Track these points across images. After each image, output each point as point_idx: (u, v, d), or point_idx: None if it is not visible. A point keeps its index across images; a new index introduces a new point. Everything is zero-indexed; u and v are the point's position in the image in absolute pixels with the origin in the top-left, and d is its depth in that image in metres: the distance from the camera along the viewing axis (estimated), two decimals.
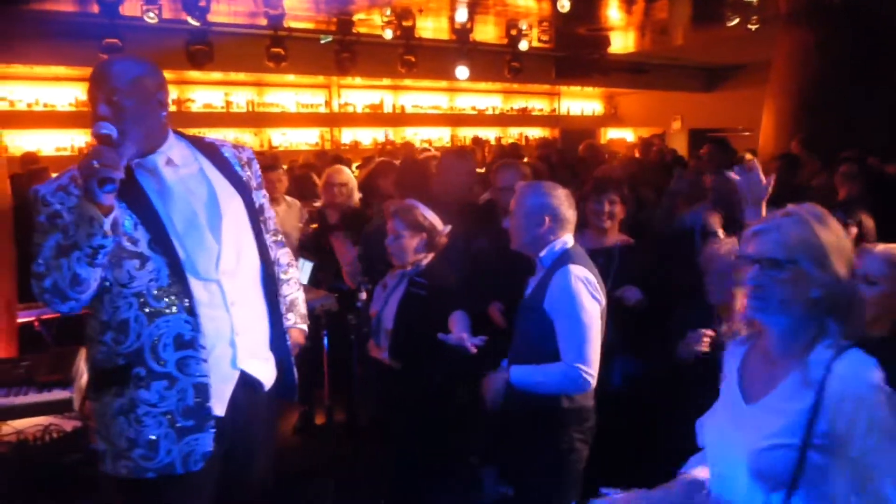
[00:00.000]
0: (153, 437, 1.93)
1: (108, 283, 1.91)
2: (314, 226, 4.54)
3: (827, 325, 1.48)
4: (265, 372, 2.14)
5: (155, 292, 1.92)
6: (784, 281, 1.48)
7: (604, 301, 2.50)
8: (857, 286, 1.56)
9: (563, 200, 2.56)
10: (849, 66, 7.60)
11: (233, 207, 2.09)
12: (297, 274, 2.43)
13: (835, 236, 1.51)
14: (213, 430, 1.98)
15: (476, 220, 3.57)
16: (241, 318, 2.05)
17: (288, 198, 5.15)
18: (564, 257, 2.51)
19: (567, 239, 2.57)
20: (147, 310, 1.91)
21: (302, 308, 2.37)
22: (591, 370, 2.41)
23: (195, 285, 1.96)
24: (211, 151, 2.15)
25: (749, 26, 7.65)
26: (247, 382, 2.08)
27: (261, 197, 2.25)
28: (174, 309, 1.93)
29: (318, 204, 4.81)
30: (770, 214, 1.59)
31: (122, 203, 1.87)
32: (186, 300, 1.94)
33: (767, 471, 1.45)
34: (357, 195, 4.69)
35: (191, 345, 1.94)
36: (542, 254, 2.54)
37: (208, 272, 1.99)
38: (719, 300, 2.74)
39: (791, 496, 1.43)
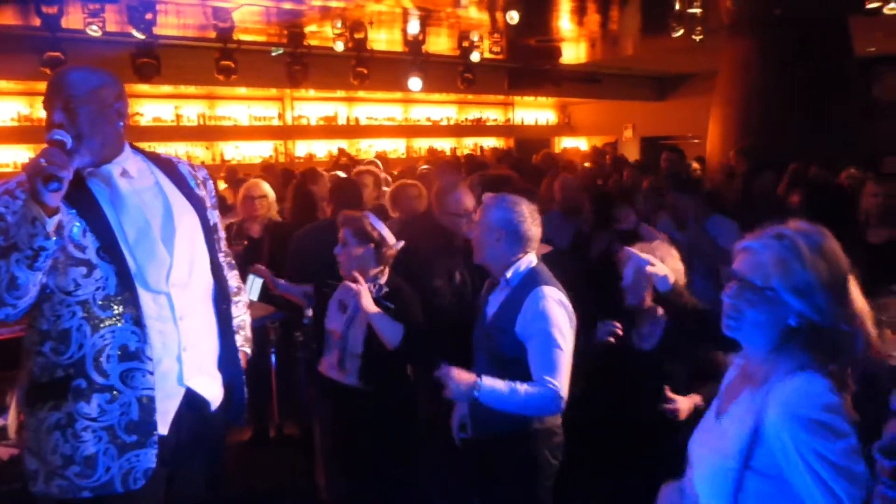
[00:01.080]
0: (91, 454, 1.84)
1: (49, 291, 1.84)
2: (245, 242, 4.46)
3: (794, 354, 1.40)
4: (212, 390, 2.08)
5: (101, 301, 1.85)
6: (758, 305, 1.42)
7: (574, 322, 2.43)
8: (852, 325, 1.41)
9: (525, 216, 2.47)
10: (790, 74, 7.84)
11: (187, 222, 2.04)
12: (245, 298, 2.38)
13: (828, 268, 1.41)
14: (157, 447, 1.90)
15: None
16: (189, 334, 1.99)
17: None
18: (533, 277, 2.42)
19: (531, 258, 2.49)
20: (92, 319, 1.84)
21: (248, 331, 2.32)
22: (565, 393, 2.31)
23: (144, 296, 1.90)
24: (167, 166, 2.12)
25: (694, 37, 7.82)
26: (192, 401, 2.02)
27: (215, 216, 2.21)
28: (120, 319, 1.87)
29: (233, 220, 4.71)
30: (766, 230, 1.49)
31: (71, 210, 1.84)
32: (134, 310, 1.88)
33: (716, 488, 1.45)
34: (276, 207, 4.68)
35: (136, 356, 1.87)
36: (508, 274, 2.45)
37: (158, 284, 1.93)
38: (633, 303, 2.79)
39: None
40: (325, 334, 3.07)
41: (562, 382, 2.28)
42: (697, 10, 7.19)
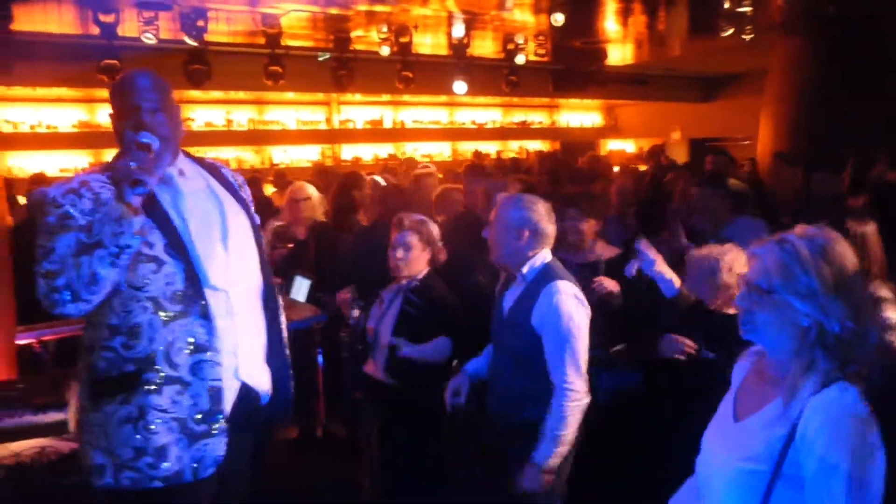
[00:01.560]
0: (163, 444, 1.89)
1: (120, 287, 1.90)
2: (290, 244, 4.54)
3: (817, 357, 1.43)
4: (263, 384, 2.16)
5: (170, 296, 1.92)
6: (766, 307, 1.48)
7: (589, 317, 2.51)
8: (862, 325, 1.44)
9: (543, 215, 2.56)
10: (844, 73, 7.63)
11: (238, 222, 2.14)
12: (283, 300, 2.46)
13: (833, 270, 1.45)
14: (226, 436, 1.98)
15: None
16: (242, 329, 2.07)
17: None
18: (548, 273, 2.52)
19: (546, 254, 2.57)
20: (162, 314, 1.91)
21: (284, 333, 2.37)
22: (583, 386, 2.42)
23: (207, 292, 1.98)
24: (214, 170, 2.22)
25: (744, 36, 7.66)
26: (246, 395, 2.09)
27: (257, 218, 2.31)
28: (189, 313, 1.94)
29: (280, 223, 4.79)
30: (772, 237, 1.55)
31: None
32: (201, 305, 1.95)
33: (739, 491, 1.46)
34: (321, 209, 4.73)
35: (205, 349, 1.95)
36: (524, 270, 2.53)
37: (217, 281, 2.01)
38: (690, 301, 2.75)
39: None
40: (369, 335, 3.14)
41: (579, 376, 2.41)
42: (748, 9, 7.04)
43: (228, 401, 2.02)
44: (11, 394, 2.88)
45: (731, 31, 7.54)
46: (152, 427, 1.89)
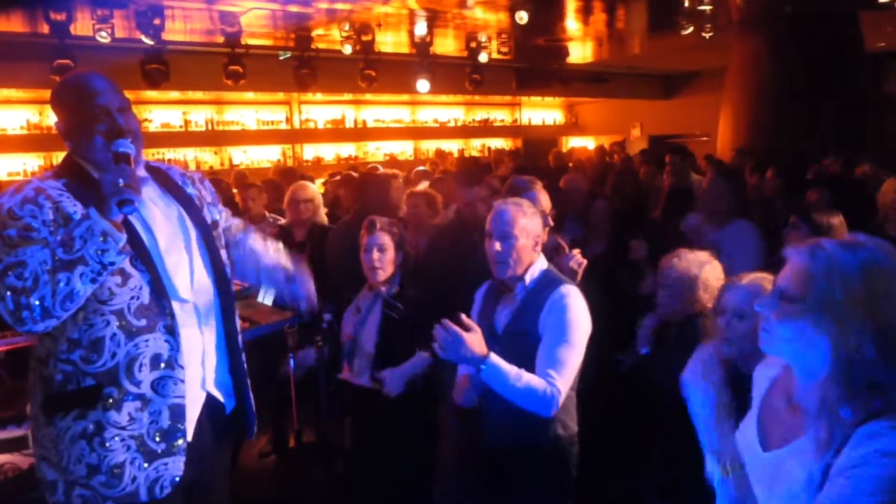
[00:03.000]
0: (118, 462, 1.82)
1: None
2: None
3: (835, 375, 1.25)
4: (226, 395, 2.11)
5: (135, 310, 1.85)
6: (780, 316, 1.31)
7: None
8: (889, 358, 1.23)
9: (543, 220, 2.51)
10: (801, 71, 7.80)
11: (195, 226, 2.07)
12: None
13: (871, 288, 1.23)
14: (185, 455, 1.90)
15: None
16: (209, 339, 2.02)
17: (270, 215, 5.14)
18: (550, 277, 2.38)
19: (543, 260, 2.44)
20: (126, 328, 1.83)
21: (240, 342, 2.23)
22: (563, 395, 2.22)
23: (175, 305, 1.91)
24: (160, 175, 2.12)
25: (703, 34, 7.78)
26: (211, 406, 2.03)
27: (215, 212, 2.24)
28: (154, 328, 1.86)
29: (283, 221, 4.73)
30: (816, 239, 1.36)
31: None
32: (168, 319, 1.88)
33: None
34: (323, 211, 4.64)
35: (169, 364, 1.88)
36: (527, 280, 2.37)
37: (185, 293, 1.95)
38: (664, 313, 2.75)
39: None
40: (343, 339, 3.08)
41: (566, 382, 2.21)
42: (707, 7, 7.15)
43: (192, 417, 1.95)
44: None
45: (690, 29, 7.66)
46: (108, 444, 1.82)
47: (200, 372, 1.99)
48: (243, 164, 11.08)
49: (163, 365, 1.87)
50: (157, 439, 1.86)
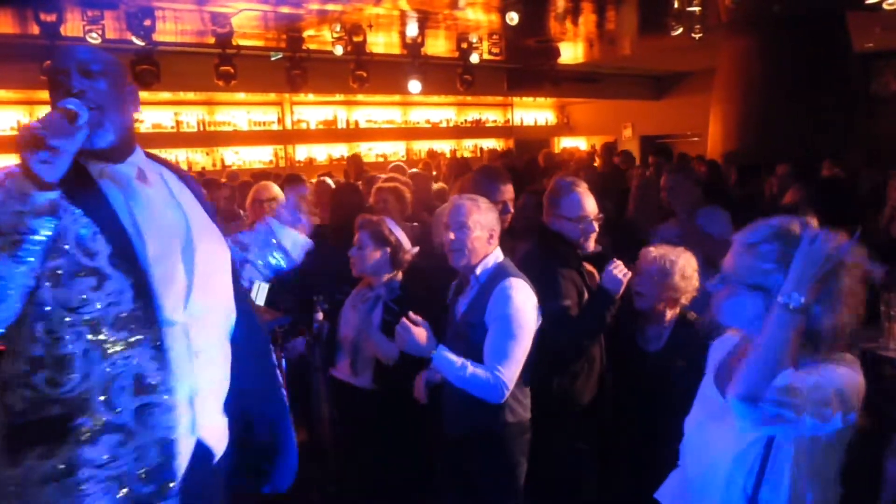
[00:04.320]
0: None
1: (47, 307, 1.49)
2: None
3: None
4: (219, 440, 1.75)
5: (113, 320, 1.53)
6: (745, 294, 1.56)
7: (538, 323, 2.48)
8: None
9: (497, 214, 2.59)
10: (789, 72, 7.85)
11: (207, 243, 1.75)
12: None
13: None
14: (179, 499, 1.58)
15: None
16: (203, 374, 1.67)
17: (244, 214, 5.14)
18: (502, 271, 2.48)
19: (498, 253, 2.56)
20: (102, 343, 1.51)
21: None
22: (511, 384, 2.36)
23: (166, 318, 1.60)
24: (182, 176, 1.86)
25: (693, 35, 7.82)
26: (199, 452, 1.67)
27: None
28: (137, 343, 1.54)
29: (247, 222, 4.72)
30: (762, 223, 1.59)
31: (76, 208, 1.54)
32: (153, 333, 1.55)
33: (743, 460, 1.51)
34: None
35: (155, 389, 1.55)
36: (478, 271, 2.50)
37: (175, 312, 1.61)
38: (646, 306, 2.78)
39: (761, 482, 1.49)
40: (338, 339, 3.08)
41: (511, 373, 2.34)
42: (697, 9, 7.19)
43: (183, 459, 1.61)
44: None
45: (680, 30, 7.70)
46: (83, 487, 1.49)
47: (189, 412, 1.63)
48: (235, 165, 11.07)
49: (148, 389, 1.55)
50: (144, 481, 1.54)
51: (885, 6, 6.74)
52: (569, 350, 2.72)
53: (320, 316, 3.20)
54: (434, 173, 8.61)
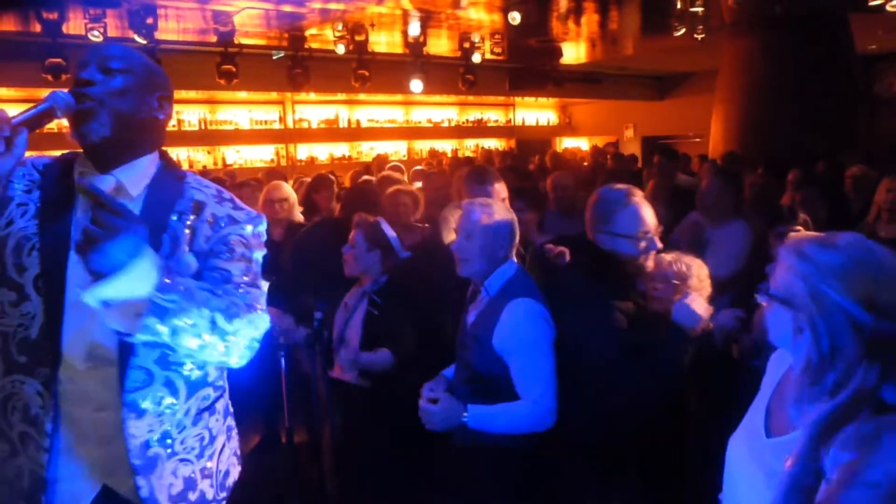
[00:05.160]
0: None
1: None
2: None
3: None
4: (140, 490, 1.55)
5: (19, 341, 1.46)
6: (777, 314, 1.35)
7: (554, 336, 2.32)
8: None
9: (516, 220, 2.42)
10: (792, 73, 7.84)
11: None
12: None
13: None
14: None
15: None
16: (83, 424, 1.51)
17: None
18: (514, 286, 2.32)
19: (512, 265, 2.38)
20: (5, 359, 1.47)
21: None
22: (554, 403, 2.23)
23: (68, 359, 1.47)
24: (155, 195, 1.60)
25: (695, 36, 7.82)
26: (112, 498, 1.55)
27: (211, 263, 1.57)
28: (31, 372, 1.46)
29: None
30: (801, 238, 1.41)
31: (33, 219, 1.47)
32: (47, 368, 1.45)
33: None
34: (298, 210, 4.65)
35: (34, 423, 1.47)
36: (488, 280, 2.34)
37: (76, 356, 1.48)
38: (663, 308, 2.76)
39: None
40: (333, 337, 3.10)
41: (550, 394, 2.21)
42: (699, 9, 7.18)
43: (79, 499, 1.51)
44: None
45: (682, 30, 7.70)
46: None
47: (99, 456, 1.52)
48: (236, 164, 11.08)
49: (30, 421, 1.47)
50: (19, 499, 1.50)
51: (888, 8, 6.73)
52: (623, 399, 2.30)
53: (319, 315, 3.20)
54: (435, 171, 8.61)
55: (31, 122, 1.39)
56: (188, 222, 1.57)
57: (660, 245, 2.44)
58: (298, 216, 4.60)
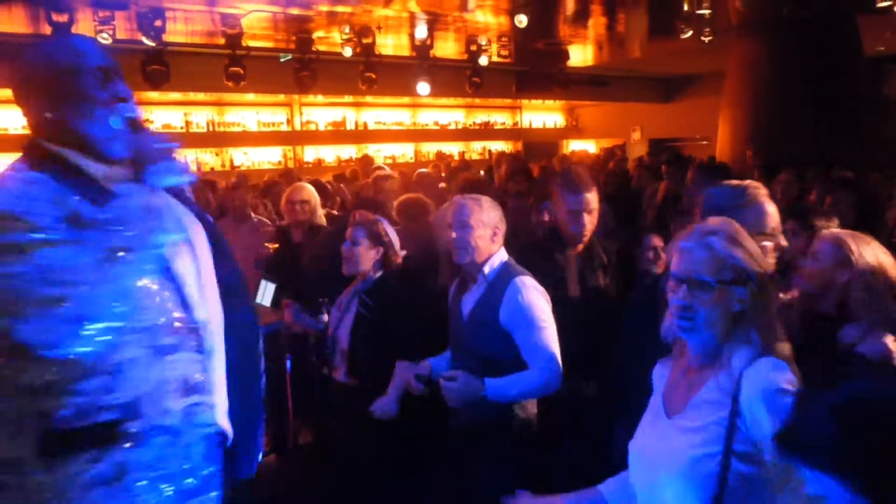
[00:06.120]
0: None
1: None
2: (275, 245, 4.47)
3: (744, 335, 1.51)
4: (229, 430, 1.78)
5: (165, 326, 1.58)
6: (711, 300, 1.50)
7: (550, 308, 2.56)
8: (772, 293, 1.59)
9: (502, 213, 2.63)
10: (799, 75, 7.81)
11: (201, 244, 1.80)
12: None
13: (751, 249, 1.55)
14: (221, 490, 1.68)
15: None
16: (218, 371, 1.74)
17: (255, 217, 5.17)
18: (508, 269, 2.55)
19: (503, 252, 2.61)
20: (155, 347, 1.55)
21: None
22: (561, 366, 2.45)
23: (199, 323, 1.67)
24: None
25: (703, 38, 7.80)
26: (223, 442, 1.76)
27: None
28: (182, 347, 1.61)
29: (282, 222, 4.76)
30: (691, 230, 1.59)
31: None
32: (194, 335, 1.63)
33: (694, 482, 1.47)
34: (321, 212, 4.65)
35: (198, 389, 1.63)
36: (486, 270, 2.55)
37: (200, 313, 1.69)
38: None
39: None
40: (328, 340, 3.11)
41: (557, 358, 2.43)
42: (706, 12, 7.16)
43: (216, 451, 1.70)
44: None
45: (689, 33, 7.67)
46: (132, 489, 1.51)
47: (217, 407, 1.72)
48: (244, 166, 11.11)
49: (193, 390, 1.62)
50: (188, 475, 1.62)
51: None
52: None
53: (325, 317, 3.20)
54: (443, 175, 8.62)
55: None
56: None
57: (782, 241, 2.20)
58: (321, 219, 4.59)
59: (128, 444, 1.52)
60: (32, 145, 1.65)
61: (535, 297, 2.48)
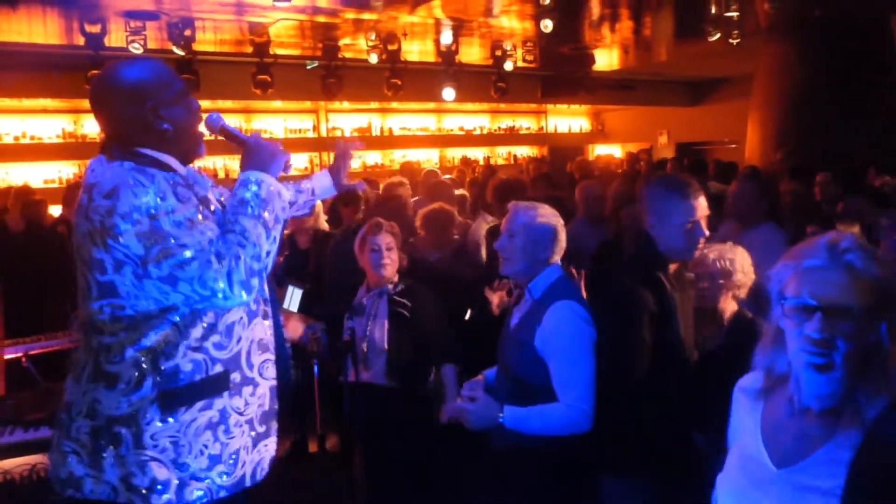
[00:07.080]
0: (237, 448, 1.80)
1: None
2: (284, 253, 4.50)
3: (881, 375, 1.24)
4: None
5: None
6: (853, 332, 1.22)
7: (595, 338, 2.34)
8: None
9: (562, 225, 2.45)
10: (828, 77, 7.70)
11: None
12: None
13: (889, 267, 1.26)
14: (276, 435, 1.94)
15: None
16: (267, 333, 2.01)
17: None
18: (558, 289, 2.36)
19: (556, 269, 2.42)
20: (249, 312, 1.85)
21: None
22: (592, 407, 2.24)
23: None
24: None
25: (730, 41, 7.71)
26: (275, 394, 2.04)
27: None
28: (258, 312, 1.89)
29: (286, 231, 4.78)
30: (813, 245, 1.30)
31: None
32: (265, 302, 1.93)
33: None
34: (323, 218, 4.69)
35: (267, 347, 1.92)
36: (532, 283, 2.38)
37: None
38: (709, 305, 2.73)
39: None
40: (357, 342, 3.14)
41: (589, 397, 2.23)
42: (735, 14, 7.09)
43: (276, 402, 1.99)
44: (2, 410, 2.83)
45: (717, 35, 7.59)
46: (232, 431, 1.79)
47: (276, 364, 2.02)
48: None
49: (264, 348, 1.90)
50: (261, 421, 1.88)
51: None
52: None
53: (352, 324, 3.23)
54: (468, 179, 8.62)
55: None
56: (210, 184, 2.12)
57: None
58: (324, 224, 4.64)
59: (231, 393, 1.80)
60: (120, 146, 1.89)
61: (575, 324, 2.28)
